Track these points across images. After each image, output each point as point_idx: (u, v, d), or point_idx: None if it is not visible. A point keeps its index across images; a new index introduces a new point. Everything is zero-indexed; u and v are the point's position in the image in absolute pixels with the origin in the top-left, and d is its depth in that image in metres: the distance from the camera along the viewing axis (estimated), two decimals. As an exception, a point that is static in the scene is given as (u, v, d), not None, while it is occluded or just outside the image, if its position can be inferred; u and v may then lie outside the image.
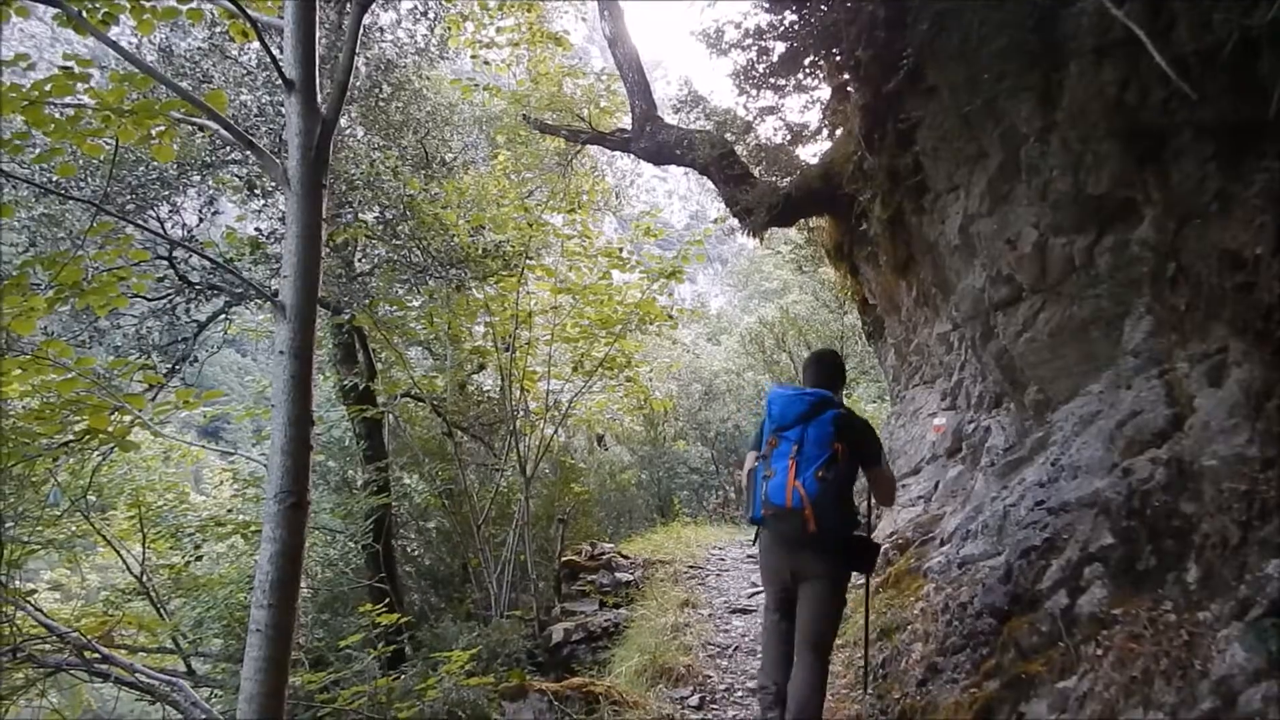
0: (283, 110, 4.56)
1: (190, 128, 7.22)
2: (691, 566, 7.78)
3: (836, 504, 3.76)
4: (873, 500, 4.92)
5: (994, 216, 4.85)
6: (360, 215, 8.55)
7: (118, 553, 9.22)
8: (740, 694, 4.72)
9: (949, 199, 5.36)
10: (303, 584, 10.61)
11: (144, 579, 9.13)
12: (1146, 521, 2.96)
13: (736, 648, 5.48)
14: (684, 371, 18.10)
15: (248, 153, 7.30)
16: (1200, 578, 2.43)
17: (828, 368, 4.31)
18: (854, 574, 4.24)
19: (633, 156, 8.63)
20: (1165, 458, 3.01)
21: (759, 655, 4.72)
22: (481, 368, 11.99)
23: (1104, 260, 4.22)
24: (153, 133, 3.47)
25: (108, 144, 4.25)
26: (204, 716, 5.31)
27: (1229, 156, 3.34)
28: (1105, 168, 3.98)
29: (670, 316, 8.83)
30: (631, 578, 7.80)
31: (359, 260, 9.40)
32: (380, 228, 7.81)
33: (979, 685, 3.55)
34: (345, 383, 9.68)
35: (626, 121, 8.47)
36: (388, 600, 8.51)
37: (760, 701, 3.99)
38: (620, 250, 9.18)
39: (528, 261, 8.22)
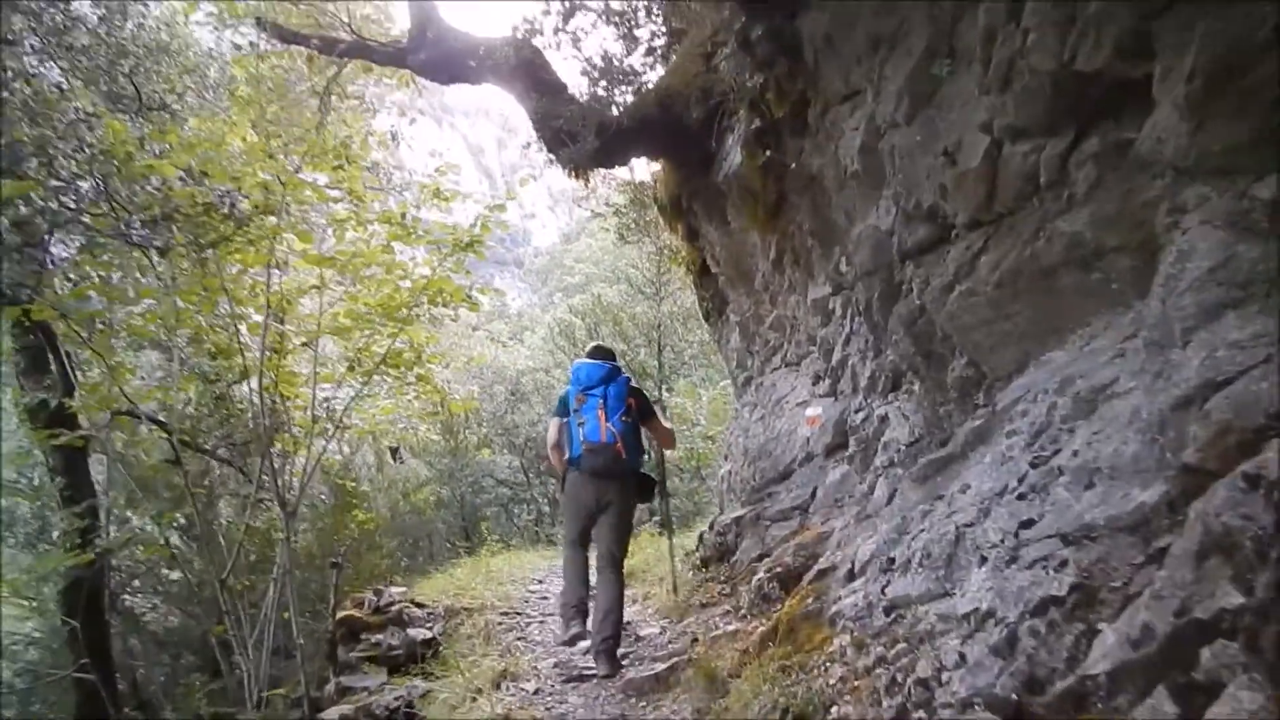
0: None
1: None
2: (506, 614, 6.17)
3: (635, 441, 5.07)
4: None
5: (917, 123, 3.60)
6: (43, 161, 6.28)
7: None
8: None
9: (843, 110, 4.08)
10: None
11: None
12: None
13: (580, 745, 3.94)
14: (486, 371, 16.34)
15: None
16: None
17: (608, 352, 5.47)
18: None
19: (410, 78, 6.84)
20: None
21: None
22: (245, 375, 9.73)
23: (1084, 172, 3.02)
24: None
25: None
26: None
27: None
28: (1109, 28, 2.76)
29: (469, 297, 7.12)
30: (430, 634, 6.10)
31: (48, 234, 7.07)
32: (45, 167, 5.63)
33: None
34: (27, 400, 7.31)
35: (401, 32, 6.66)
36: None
37: (563, 615, 5.03)
38: (403, 216, 7.35)
39: (275, 222, 6.27)
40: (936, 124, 3.48)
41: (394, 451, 18.68)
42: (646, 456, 5.66)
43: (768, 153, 4.44)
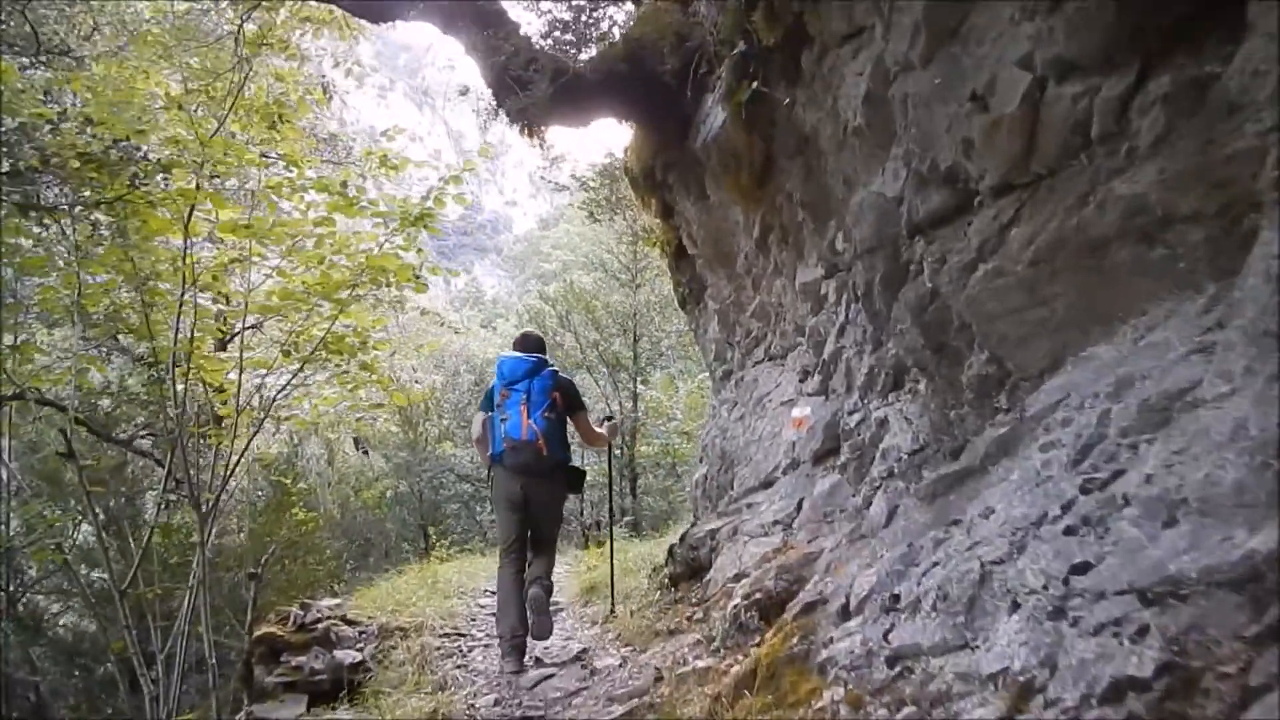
0: None
1: None
2: (447, 635, 5.54)
3: (559, 436, 4.99)
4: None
5: (937, 63, 2.98)
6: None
7: None
8: None
9: (845, 52, 3.45)
10: None
11: None
12: None
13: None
14: (453, 358, 15.63)
15: None
16: None
17: (536, 341, 5.39)
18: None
19: (345, 21, 6.11)
20: None
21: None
22: (157, 357, 9.04)
23: (1149, 119, 2.44)
24: None
25: None
26: None
27: None
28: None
29: (416, 277, 6.44)
30: (360, 656, 5.43)
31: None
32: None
33: None
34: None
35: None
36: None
37: (501, 647, 4.89)
38: (343, 185, 6.63)
39: (192, 184, 5.57)
40: (962, 62, 2.86)
41: (357, 443, 17.94)
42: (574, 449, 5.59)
43: (754, 85, 3.74)
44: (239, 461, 6.45)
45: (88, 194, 5.02)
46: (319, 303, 6.53)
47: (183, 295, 6.03)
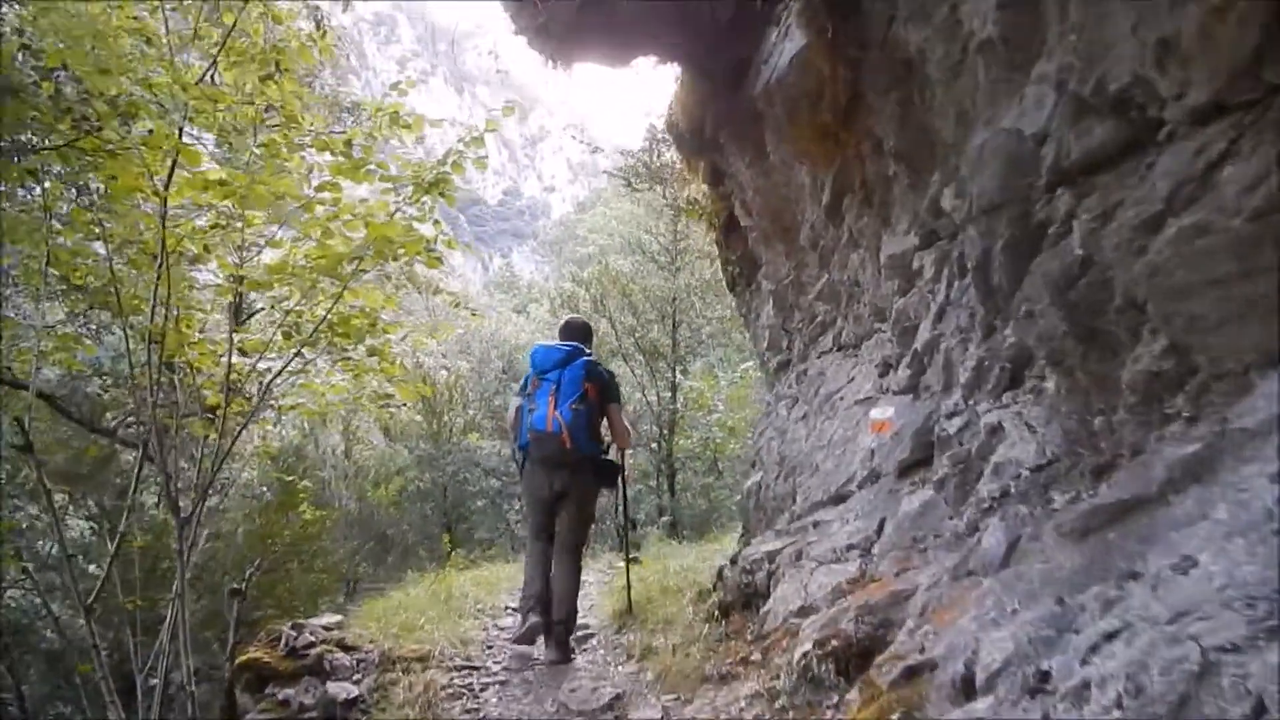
0: None
1: None
2: (458, 667, 4.79)
3: (587, 430, 4.88)
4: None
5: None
6: None
7: None
8: None
9: (973, -61, 2.61)
10: None
11: None
12: None
13: None
14: (481, 343, 14.92)
15: None
16: None
17: (578, 330, 5.37)
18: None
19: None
20: None
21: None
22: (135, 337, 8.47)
23: None
24: None
25: None
26: None
27: None
28: None
29: (432, 250, 5.69)
30: (356, 691, 4.71)
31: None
32: None
33: None
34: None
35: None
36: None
37: (522, 606, 4.90)
38: (349, 144, 5.87)
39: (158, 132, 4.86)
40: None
41: (386, 432, 17.54)
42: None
43: (835, 29, 2.91)
44: (227, 456, 5.76)
45: (28, 137, 4.32)
46: (321, 279, 5.82)
47: (160, 265, 5.33)
